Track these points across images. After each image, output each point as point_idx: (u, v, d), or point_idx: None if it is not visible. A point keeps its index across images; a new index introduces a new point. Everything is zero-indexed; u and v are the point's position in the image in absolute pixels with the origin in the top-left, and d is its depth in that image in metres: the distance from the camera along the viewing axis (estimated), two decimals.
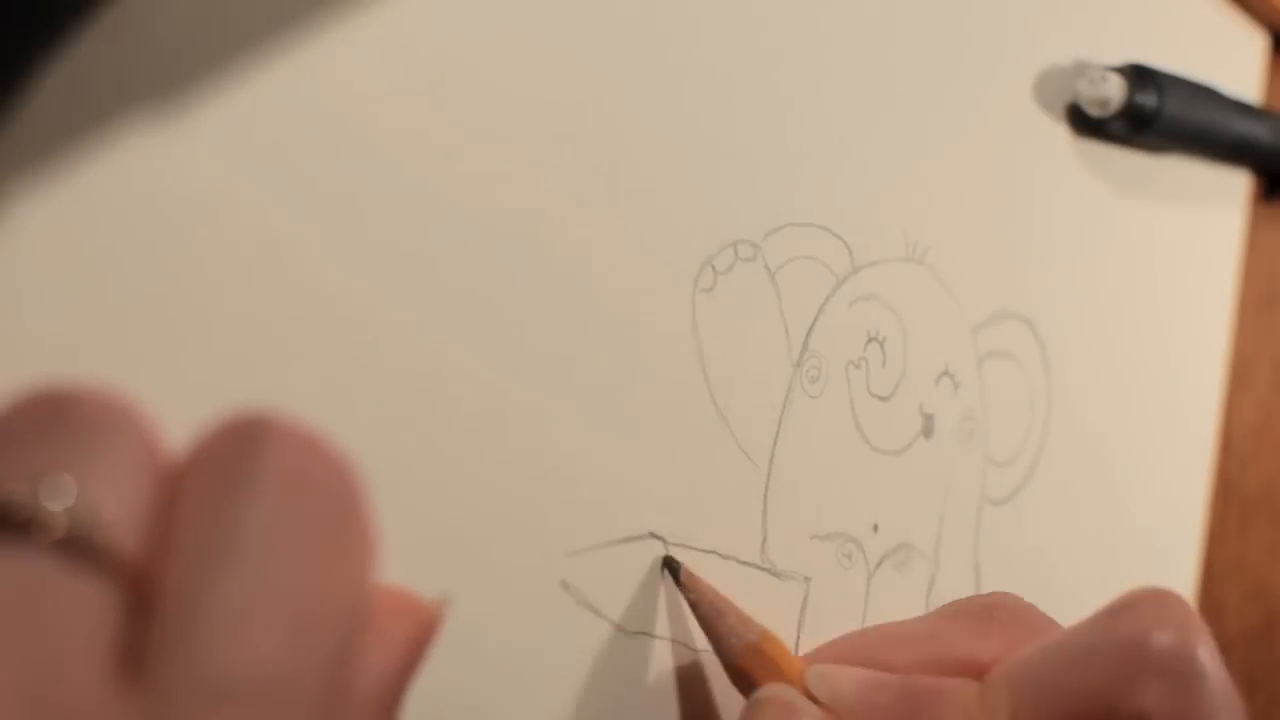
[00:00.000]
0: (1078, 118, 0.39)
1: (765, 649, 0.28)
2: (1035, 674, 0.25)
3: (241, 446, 0.18)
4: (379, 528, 0.19)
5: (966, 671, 0.27)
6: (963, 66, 0.36)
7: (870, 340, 0.33)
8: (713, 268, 0.30)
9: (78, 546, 0.16)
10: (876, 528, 0.34)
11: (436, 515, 0.25)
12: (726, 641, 0.28)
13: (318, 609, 0.17)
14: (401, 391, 0.25)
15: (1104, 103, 0.38)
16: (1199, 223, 0.44)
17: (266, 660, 0.17)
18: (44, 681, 0.16)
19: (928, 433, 0.35)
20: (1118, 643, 0.24)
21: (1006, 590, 0.29)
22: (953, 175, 0.36)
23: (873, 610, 0.33)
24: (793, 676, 0.28)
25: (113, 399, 0.18)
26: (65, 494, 0.16)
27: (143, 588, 0.17)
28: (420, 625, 0.20)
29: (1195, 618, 0.24)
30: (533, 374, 0.27)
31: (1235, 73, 0.45)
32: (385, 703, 0.19)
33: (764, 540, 0.31)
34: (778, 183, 0.31)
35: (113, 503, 0.17)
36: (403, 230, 0.24)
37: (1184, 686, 0.23)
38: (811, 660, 0.29)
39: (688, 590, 0.29)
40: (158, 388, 0.21)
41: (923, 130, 0.35)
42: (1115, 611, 0.24)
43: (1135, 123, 0.39)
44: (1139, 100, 0.38)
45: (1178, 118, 0.39)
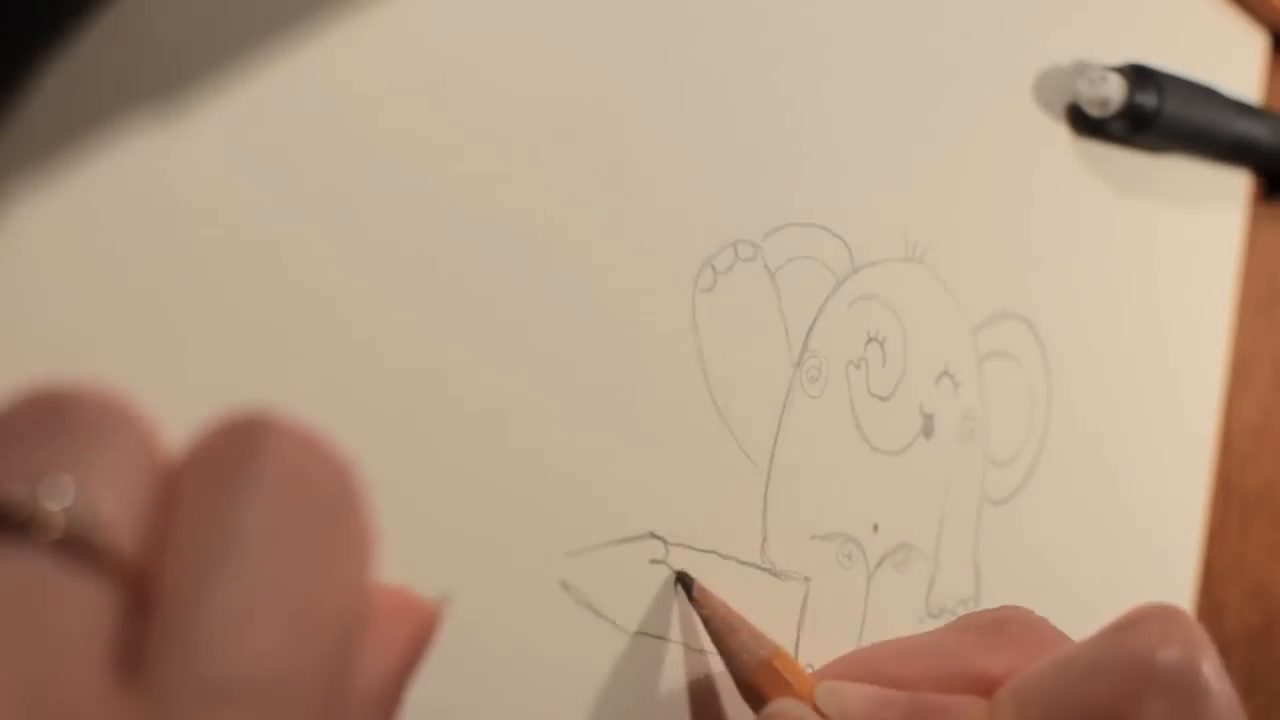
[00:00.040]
0: (1078, 118, 0.39)
1: (777, 665, 0.28)
2: (1042, 691, 0.25)
3: (240, 446, 0.18)
4: (378, 527, 0.19)
5: (977, 686, 0.27)
6: (963, 66, 0.36)
7: (870, 340, 0.33)
8: (713, 268, 0.30)
9: (76, 546, 0.16)
10: (876, 528, 0.34)
11: (436, 515, 0.25)
12: (738, 657, 0.28)
13: (317, 609, 0.17)
14: (401, 391, 0.25)
15: (1104, 103, 0.38)
16: (1199, 223, 0.44)
17: (265, 660, 0.17)
18: (43, 681, 0.16)
19: (928, 433, 0.35)
20: (1123, 659, 0.24)
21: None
22: (953, 175, 0.36)
23: (873, 610, 0.33)
24: (803, 693, 0.28)
25: (112, 399, 0.18)
26: (64, 494, 0.16)
27: (142, 587, 0.17)
28: (420, 625, 0.20)
29: (1201, 634, 0.24)
30: (533, 374, 0.27)
31: (1235, 73, 0.45)
32: (385, 703, 0.19)
33: (764, 540, 0.31)
34: (778, 183, 0.31)
35: (111, 502, 0.17)
36: (402, 230, 0.24)
37: (1189, 703, 0.23)
38: (821, 676, 0.29)
39: (700, 606, 0.29)
40: (157, 388, 0.21)
41: (923, 130, 0.35)
42: (1121, 628, 0.24)
43: (1135, 123, 0.39)
44: (1139, 100, 0.38)
45: (1178, 118, 0.39)
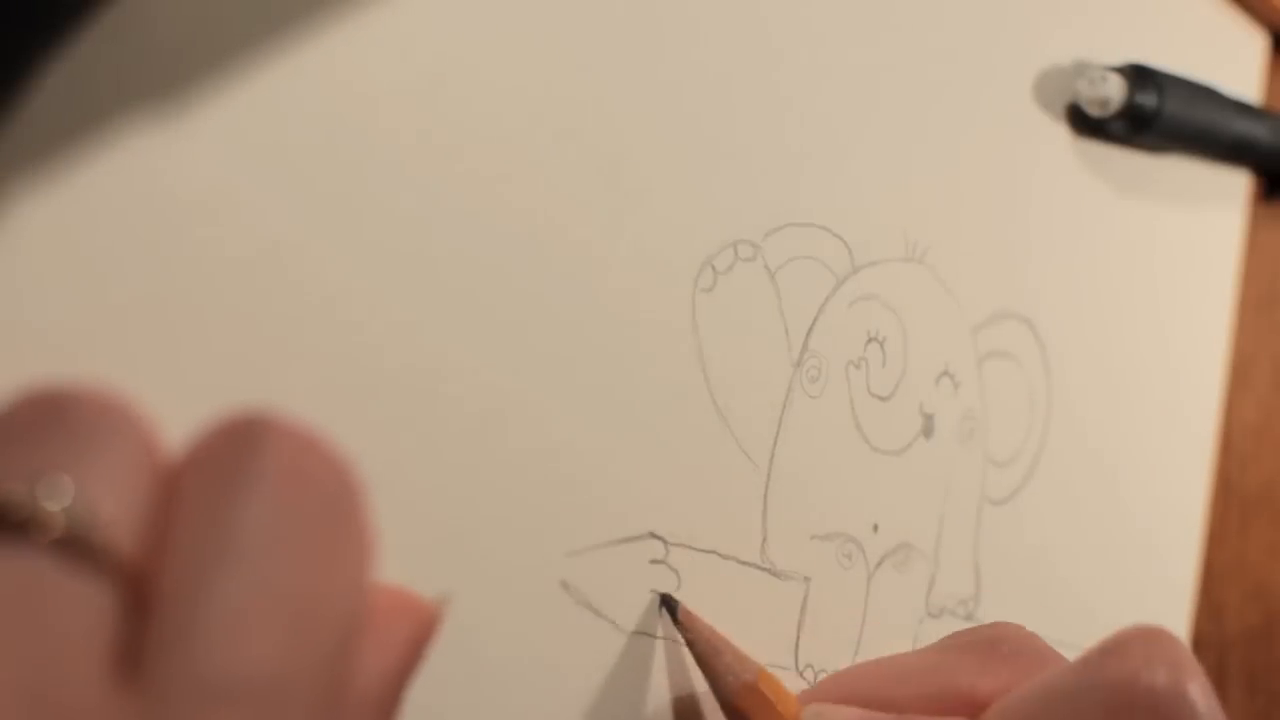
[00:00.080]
0: (1078, 118, 0.39)
1: (762, 688, 0.28)
2: (1027, 715, 0.25)
3: (240, 446, 0.18)
4: (378, 527, 0.19)
5: (966, 707, 0.26)
6: (963, 66, 0.36)
7: (870, 340, 0.33)
8: (713, 268, 0.30)
9: (75, 546, 0.16)
10: (876, 528, 0.34)
11: (436, 515, 0.25)
12: (723, 680, 0.28)
13: (316, 609, 0.17)
14: (401, 391, 0.25)
15: (1104, 103, 0.38)
16: (1199, 223, 0.44)
17: (264, 660, 0.17)
18: (42, 681, 0.16)
19: (928, 433, 0.35)
20: (1109, 683, 0.23)
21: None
22: (953, 175, 0.36)
23: (873, 610, 0.33)
24: (789, 716, 0.28)
25: (111, 399, 0.18)
26: (63, 494, 0.16)
27: (141, 588, 0.17)
28: (420, 625, 0.20)
29: (1187, 656, 0.24)
30: (533, 374, 0.27)
31: (1235, 73, 0.45)
32: (384, 703, 0.19)
33: (764, 540, 0.31)
34: (778, 183, 0.31)
35: (111, 502, 0.17)
36: (402, 230, 0.24)
37: None
38: (809, 698, 0.29)
39: (685, 629, 0.29)
40: (157, 388, 0.21)
41: (923, 130, 0.35)
42: (1106, 651, 0.24)
43: (1135, 123, 0.39)
44: (1139, 100, 0.38)
45: (1178, 118, 0.39)
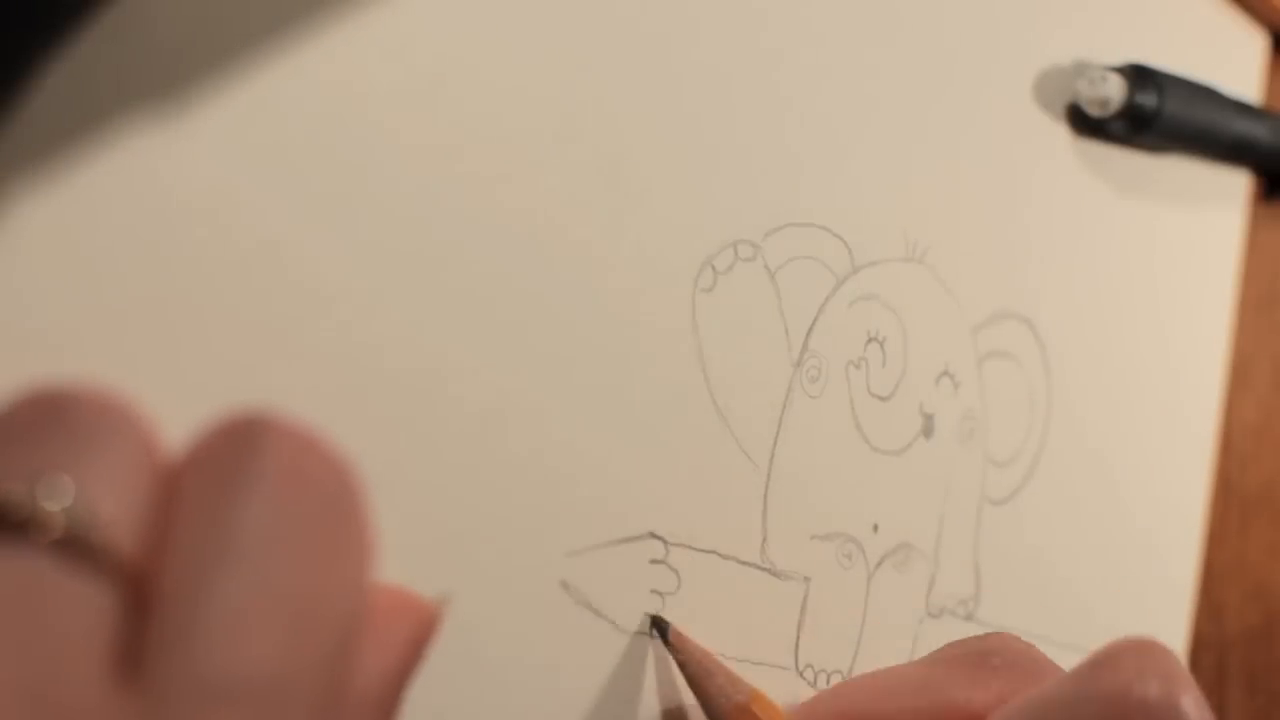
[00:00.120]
0: (1078, 118, 0.39)
1: (755, 709, 0.28)
2: None
3: (239, 446, 0.18)
4: (378, 527, 0.19)
5: None
6: (963, 66, 0.36)
7: (870, 340, 0.33)
8: (713, 268, 0.30)
9: (75, 546, 0.16)
10: (876, 528, 0.34)
11: (436, 515, 0.25)
12: (715, 702, 0.28)
13: (316, 609, 0.17)
14: (401, 391, 0.25)
15: (1104, 103, 0.38)
16: (1199, 223, 0.44)
17: (264, 660, 0.17)
18: (42, 681, 0.16)
19: (928, 433, 0.35)
20: (1102, 696, 0.23)
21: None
22: (953, 175, 0.36)
23: (873, 610, 0.33)
24: None
25: (111, 399, 0.18)
26: (63, 494, 0.16)
27: (141, 588, 0.17)
28: (420, 625, 0.20)
29: (1179, 668, 0.24)
30: (533, 374, 0.27)
31: (1235, 73, 0.45)
32: (385, 703, 0.19)
33: (764, 540, 0.31)
34: (777, 183, 0.31)
35: (110, 503, 0.17)
36: (402, 230, 0.24)
37: None
38: (801, 717, 0.29)
39: (676, 651, 0.29)
40: (157, 388, 0.21)
41: (923, 130, 0.35)
42: (1099, 663, 0.24)
43: (1135, 123, 0.39)
44: (1139, 100, 0.38)
45: (1178, 118, 0.39)
